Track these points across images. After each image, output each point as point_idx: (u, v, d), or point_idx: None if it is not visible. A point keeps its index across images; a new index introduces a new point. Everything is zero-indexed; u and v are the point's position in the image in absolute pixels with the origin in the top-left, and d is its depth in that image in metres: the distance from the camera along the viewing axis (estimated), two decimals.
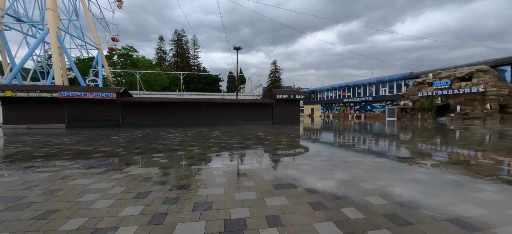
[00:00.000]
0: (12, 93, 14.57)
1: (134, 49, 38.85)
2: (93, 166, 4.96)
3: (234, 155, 6.29)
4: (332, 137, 10.84)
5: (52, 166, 4.95)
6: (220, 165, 5.08)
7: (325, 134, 12.33)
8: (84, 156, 6.12)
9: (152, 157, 5.92)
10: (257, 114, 20.30)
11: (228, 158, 5.90)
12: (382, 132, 13.30)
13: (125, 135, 11.32)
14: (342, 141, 9.26)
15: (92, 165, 5.06)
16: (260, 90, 26.01)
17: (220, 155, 6.21)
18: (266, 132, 12.72)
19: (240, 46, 21.64)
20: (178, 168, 4.78)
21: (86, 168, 4.76)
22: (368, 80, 34.94)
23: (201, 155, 6.26)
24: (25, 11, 31.12)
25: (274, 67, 63.03)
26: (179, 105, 18.38)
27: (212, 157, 5.92)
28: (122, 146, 7.91)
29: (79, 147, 7.69)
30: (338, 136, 11.21)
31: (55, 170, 4.59)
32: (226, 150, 7.09)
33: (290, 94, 20.39)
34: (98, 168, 4.81)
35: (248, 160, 5.58)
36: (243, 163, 5.28)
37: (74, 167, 4.85)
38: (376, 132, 13.34)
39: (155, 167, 4.86)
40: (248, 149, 7.18)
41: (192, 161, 5.48)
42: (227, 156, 6.17)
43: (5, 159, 5.82)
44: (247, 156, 6.18)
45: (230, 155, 6.30)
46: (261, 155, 6.30)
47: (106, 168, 4.81)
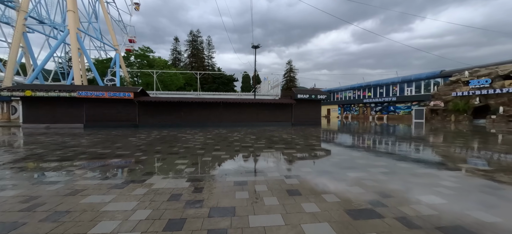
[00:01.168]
0: (32, 93, 14.55)
1: (150, 49, 39.12)
2: (110, 176, 4.20)
3: (269, 162, 5.35)
4: (366, 141, 9.64)
5: (64, 175, 4.25)
6: (259, 177, 4.15)
7: (356, 137, 11.12)
8: (100, 162, 5.43)
9: (176, 164, 5.11)
10: (276, 115, 19.31)
11: (264, 166, 4.97)
12: (419, 135, 11.87)
13: (142, 136, 10.73)
14: (386, 146, 8.08)
15: (109, 174, 4.30)
16: (278, 90, 24.97)
17: (252, 162, 5.30)
18: (291, 134, 11.71)
19: (259, 44, 20.80)
20: (211, 179, 3.91)
21: (102, 178, 4.01)
22: (392, 80, 32.88)
23: (231, 161, 5.38)
24: (48, 13, 32.04)
25: (289, 67, 61.55)
26: (196, 105, 17.78)
27: (245, 165, 5.01)
28: (140, 149, 7.22)
29: (95, 149, 7.08)
30: (373, 140, 9.99)
31: (66, 180, 3.87)
32: (256, 155, 6.19)
33: (311, 94, 19.22)
34: (116, 178, 4.04)
35: (291, 170, 4.62)
36: (285, 174, 4.33)
37: (89, 177, 4.10)
38: (413, 135, 11.94)
39: (182, 178, 4.03)
40: (282, 155, 6.22)
41: (223, 169, 4.60)
42: (262, 163, 5.25)
43: (15, 163, 5.23)
44: (285, 163, 5.22)
45: (265, 162, 5.37)
46: (302, 163, 5.32)
47: (125, 178, 4.03)
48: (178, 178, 4.05)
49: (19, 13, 25.35)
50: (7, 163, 5.18)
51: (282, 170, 4.60)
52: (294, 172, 4.44)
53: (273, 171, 4.56)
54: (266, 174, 4.33)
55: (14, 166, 4.96)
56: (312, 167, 4.90)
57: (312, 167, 4.86)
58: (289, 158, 5.84)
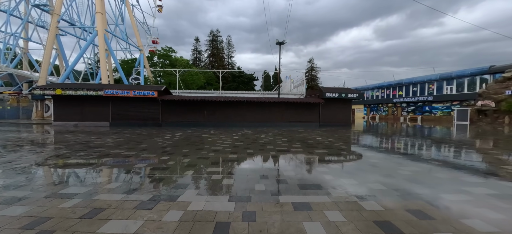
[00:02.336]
0: (62, 92, 14.85)
1: (173, 50, 39.67)
2: (136, 186, 3.45)
3: (322, 173, 4.33)
4: (424, 147, 8.20)
5: (83, 183, 3.59)
6: (322, 197, 3.15)
7: (404, 141, 9.65)
8: (125, 167, 4.77)
9: (210, 173, 4.28)
10: (302, 115, 18.12)
11: (318, 179, 3.96)
12: (478, 139, 10.07)
13: (167, 136, 10.21)
14: (466, 156, 6.67)
15: (134, 184, 3.57)
16: (303, 88, 23.66)
17: (301, 173, 4.32)
18: (325, 136, 10.54)
19: (284, 40, 19.72)
20: (260, 199, 2.99)
21: (126, 190, 3.26)
22: (428, 77, 29.94)
23: (273, 171, 4.44)
24: (78, 16, 33.60)
25: (311, 66, 59.42)
26: (219, 104, 17.18)
27: (293, 176, 4.04)
28: (167, 151, 6.55)
29: (119, 151, 6.53)
30: (431, 146, 8.51)
31: (85, 193, 3.17)
32: (299, 162, 5.20)
33: (341, 92, 17.76)
34: (143, 191, 3.28)
35: (357, 186, 3.57)
36: (353, 192, 3.29)
37: (112, 188, 3.39)
38: (466, 139, 10.17)
39: (223, 195, 3.16)
40: (331, 163, 5.17)
41: (269, 183, 3.67)
42: (313, 175, 4.24)
43: (35, 166, 4.73)
44: (343, 175, 4.17)
45: (316, 173, 4.36)
46: (364, 176, 4.23)
47: (154, 192, 3.25)
48: (218, 194, 3.19)
49: (52, 16, 26.65)
50: (27, 166, 4.70)
51: (345, 186, 3.57)
52: (363, 189, 3.39)
53: (335, 186, 3.54)
54: (328, 191, 3.33)
55: (33, 169, 4.44)
56: (380, 181, 3.80)
57: (381, 181, 3.76)
58: (344, 168, 4.77)
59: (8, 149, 6.79)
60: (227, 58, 59.29)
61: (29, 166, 4.73)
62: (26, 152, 6.26)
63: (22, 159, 5.29)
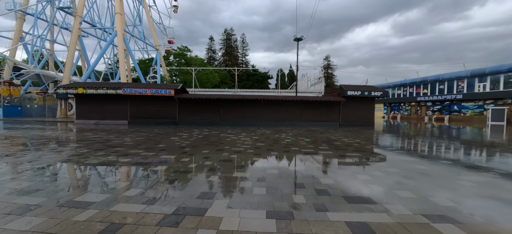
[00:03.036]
0: (83, 90, 15.16)
1: (188, 49, 40.02)
2: (158, 196, 3.05)
3: (364, 181, 3.72)
4: (456, 148, 7.26)
5: (101, 190, 3.24)
6: (381, 215, 2.57)
7: (435, 142, 8.68)
8: (145, 171, 4.43)
9: (236, 178, 3.82)
10: (321, 114, 17.32)
11: (364, 190, 3.37)
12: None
13: (184, 135, 9.94)
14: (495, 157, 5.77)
15: (155, 192, 3.17)
16: (321, 87, 22.72)
17: (340, 181, 3.73)
18: (350, 137, 9.78)
19: (302, 36, 18.97)
20: (303, 214, 2.46)
21: (147, 200, 2.87)
22: (457, 74, 27.73)
23: (308, 178, 3.89)
24: (99, 18, 34.72)
25: (327, 63, 57.62)
26: (235, 103, 16.81)
27: (333, 185, 3.47)
28: (186, 152, 6.19)
29: (138, 150, 6.27)
30: (464, 147, 7.54)
31: (102, 202, 2.81)
32: (331, 167, 4.61)
33: (363, 90, 16.74)
34: (166, 201, 2.86)
35: (418, 200, 2.94)
36: (418, 209, 2.67)
37: (131, 196, 3.01)
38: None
39: (258, 208, 2.67)
40: (371, 169, 4.53)
41: (309, 194, 3.13)
42: (355, 183, 3.65)
43: (52, 168, 4.51)
44: (393, 184, 3.54)
45: (357, 180, 3.76)
46: (417, 185, 3.58)
47: (178, 202, 2.83)
48: (252, 207, 2.70)
49: (75, 18, 27.64)
50: (45, 167, 4.48)
51: (402, 200, 2.95)
52: (428, 206, 2.76)
53: (390, 200, 2.93)
54: (385, 207, 2.73)
55: (50, 170, 4.21)
56: (443, 195, 3.13)
57: (445, 196, 3.09)
58: (389, 176, 4.12)
59: (30, 147, 6.76)
60: (241, 57, 59.09)
61: (47, 166, 4.52)
62: (46, 151, 6.15)
63: (41, 159, 5.13)
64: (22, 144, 7.28)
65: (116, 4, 27.34)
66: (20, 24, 29.53)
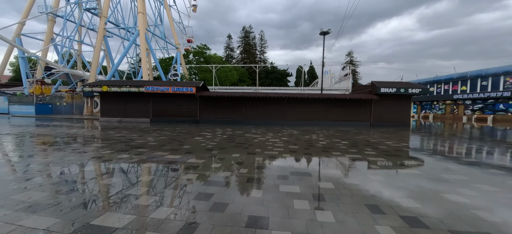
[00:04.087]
0: (108, 88, 15.24)
1: (207, 47, 39.95)
2: (195, 221, 2.32)
3: (462, 205, 2.73)
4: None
5: (124, 208, 2.59)
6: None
7: (499, 148, 7.23)
8: (172, 179, 3.77)
9: (289, 196, 3.01)
10: (350, 113, 15.99)
11: (470, 215, 2.39)
12: None
13: (208, 135, 9.34)
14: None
15: (191, 216, 2.45)
16: (349, 83, 21.21)
17: (427, 205, 2.78)
18: (394, 140, 8.57)
19: (329, 29, 17.69)
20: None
21: (183, 228, 2.14)
22: (504, 69, 24.57)
23: (378, 198, 2.97)
24: (122, 18, 35.66)
25: (350, 59, 54.80)
26: (257, 101, 16.03)
27: (424, 211, 2.53)
28: (215, 155, 5.51)
29: (163, 153, 5.69)
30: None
31: (125, 226, 2.12)
32: (401, 181, 3.63)
33: (399, 87, 15.15)
34: (204, 227, 2.12)
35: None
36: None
37: (161, 221, 2.31)
38: None
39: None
40: (453, 186, 3.49)
41: (396, 226, 2.23)
42: (449, 205, 2.67)
43: (72, 174, 3.99)
44: (498, 209, 2.52)
45: (438, 199, 2.78)
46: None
47: (223, 232, 2.07)
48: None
49: (101, 18, 28.47)
50: (63, 173, 3.98)
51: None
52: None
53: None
54: None
55: (67, 178, 3.68)
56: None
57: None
58: (490, 195, 3.08)
59: (54, 146, 6.47)
60: (259, 54, 58.22)
61: (67, 172, 4.02)
62: (69, 151, 5.77)
63: (62, 161, 4.69)
64: (47, 143, 7.06)
65: (139, 3, 27.72)
66: (51, 26, 31.05)
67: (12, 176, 3.75)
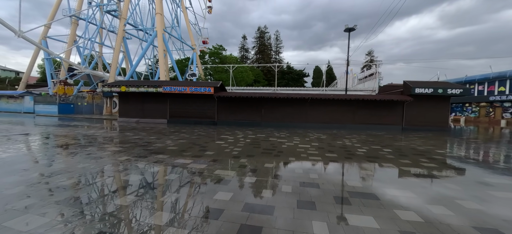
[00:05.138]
0: (126, 88, 15.04)
1: (223, 47, 39.66)
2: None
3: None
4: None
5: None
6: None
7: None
8: (201, 199, 3.00)
9: (347, 219, 2.13)
10: (379, 116, 14.67)
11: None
12: None
13: (229, 139, 8.60)
14: None
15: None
16: (375, 83, 19.71)
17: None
18: (447, 148, 7.35)
19: (355, 26, 16.45)
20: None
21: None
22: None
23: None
24: (141, 20, 36.21)
25: (370, 59, 52.10)
26: (277, 102, 15.15)
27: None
28: (244, 165, 4.72)
29: (184, 160, 4.99)
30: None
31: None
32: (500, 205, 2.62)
33: (436, 87, 13.64)
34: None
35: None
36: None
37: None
38: None
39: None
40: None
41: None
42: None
43: (83, 186, 3.35)
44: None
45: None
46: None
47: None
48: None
49: (120, 20, 28.92)
50: (74, 185, 3.35)
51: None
52: None
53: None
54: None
55: (76, 193, 3.02)
56: None
57: None
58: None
59: (70, 150, 5.99)
60: (274, 55, 57.14)
61: (76, 183, 3.39)
62: (84, 156, 5.23)
63: (76, 168, 4.11)
64: (63, 146, 6.63)
65: (157, 5, 27.85)
66: (74, 28, 32.08)
67: (13, 190, 3.16)
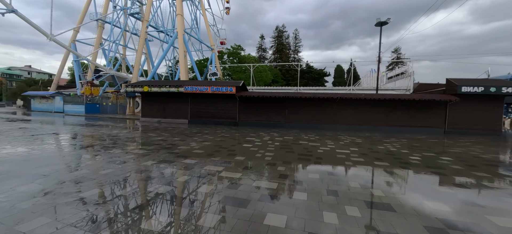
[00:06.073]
0: (148, 88, 14.99)
1: (241, 47, 39.33)
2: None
3: None
4: None
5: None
6: None
7: None
8: (242, 216, 2.29)
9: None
10: (417, 118, 13.22)
11: None
12: None
13: (256, 141, 7.90)
14: None
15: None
16: (410, 82, 17.95)
17: None
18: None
19: (388, 19, 15.04)
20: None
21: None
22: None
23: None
24: (162, 22, 36.92)
25: (396, 56, 48.64)
26: (302, 102, 14.24)
27: None
28: (284, 174, 3.96)
29: (215, 167, 4.35)
30: None
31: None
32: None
33: (488, 85, 11.97)
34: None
35: None
36: None
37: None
38: None
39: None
40: None
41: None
42: None
43: (102, 198, 2.79)
44: None
45: None
46: None
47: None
48: None
49: (143, 22, 29.56)
50: (92, 196, 2.80)
51: None
52: None
53: None
54: None
55: (98, 204, 2.45)
56: None
57: None
58: None
59: (93, 152, 5.64)
60: (293, 54, 55.78)
61: (99, 196, 2.84)
62: (107, 160, 4.80)
63: (98, 176, 3.62)
64: (87, 147, 6.33)
65: (177, 6, 28.08)
66: (100, 32, 33.42)
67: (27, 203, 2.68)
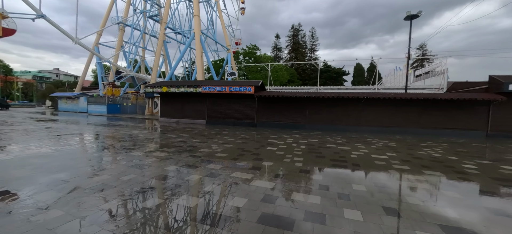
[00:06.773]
0: (167, 89, 14.99)
1: (257, 47, 38.92)
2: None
3: None
4: None
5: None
6: None
7: None
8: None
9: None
10: (454, 119, 11.99)
11: None
12: None
13: (280, 144, 7.36)
14: None
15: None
16: (443, 80, 16.43)
17: None
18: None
19: (419, 11, 13.85)
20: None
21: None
22: None
23: None
24: (180, 24, 37.50)
25: (421, 53, 45.52)
26: (324, 102, 13.49)
27: None
28: (324, 185, 3.40)
29: (243, 174, 3.88)
30: None
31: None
32: None
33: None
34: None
35: None
36: None
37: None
38: None
39: None
40: None
41: None
42: None
43: (120, 211, 2.40)
44: None
45: None
46: None
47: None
48: None
49: (161, 24, 30.10)
50: (106, 209, 2.43)
51: None
52: None
53: None
54: None
55: (114, 216, 2.07)
56: None
57: None
58: None
59: (115, 154, 5.41)
60: (309, 53, 54.47)
61: (118, 206, 2.47)
62: (128, 163, 4.50)
63: (119, 183, 3.29)
64: (109, 148, 6.15)
65: (194, 7, 28.24)
66: (121, 35, 34.56)
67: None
